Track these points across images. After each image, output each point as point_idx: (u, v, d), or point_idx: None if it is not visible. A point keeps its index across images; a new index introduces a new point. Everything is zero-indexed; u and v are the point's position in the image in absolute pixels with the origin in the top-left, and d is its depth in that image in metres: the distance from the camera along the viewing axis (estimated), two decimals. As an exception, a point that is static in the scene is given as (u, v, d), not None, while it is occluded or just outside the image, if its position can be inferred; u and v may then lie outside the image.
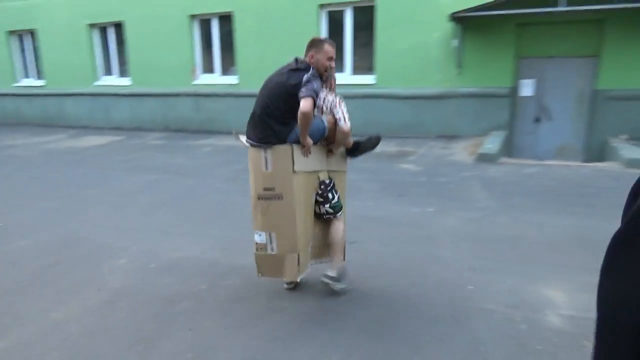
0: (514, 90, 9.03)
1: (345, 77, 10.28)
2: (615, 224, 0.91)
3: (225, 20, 11.12)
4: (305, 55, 3.09)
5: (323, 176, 3.24)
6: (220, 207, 5.62)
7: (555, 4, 7.66)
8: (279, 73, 3.09)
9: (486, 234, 4.54)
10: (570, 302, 3.25)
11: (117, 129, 12.53)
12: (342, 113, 3.11)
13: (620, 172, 6.59)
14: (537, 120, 9.05)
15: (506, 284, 3.52)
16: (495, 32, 8.73)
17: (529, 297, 3.33)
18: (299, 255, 3.07)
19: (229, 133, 9.99)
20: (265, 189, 3.00)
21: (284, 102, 2.95)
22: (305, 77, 2.88)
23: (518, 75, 8.96)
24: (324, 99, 3.11)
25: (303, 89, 2.84)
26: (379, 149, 3.75)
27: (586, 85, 8.61)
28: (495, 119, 9.09)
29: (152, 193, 6.28)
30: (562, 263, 3.88)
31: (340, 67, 10.40)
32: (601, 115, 8.50)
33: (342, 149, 3.42)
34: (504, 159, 7.74)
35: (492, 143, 8.02)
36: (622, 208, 0.95)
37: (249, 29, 10.72)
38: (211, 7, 11.03)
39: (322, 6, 10.05)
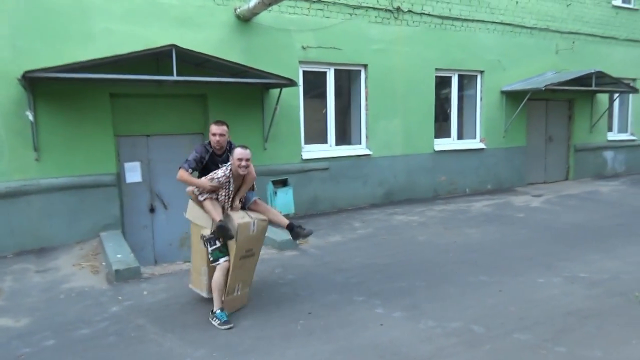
0: (120, 176, 7.10)
1: None
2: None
3: None
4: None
5: (204, 232, 4.20)
6: None
7: (157, 74, 6.46)
8: None
9: None
10: None
11: None
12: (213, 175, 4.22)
13: (281, 259, 5.90)
14: (152, 210, 7.43)
15: None
16: (87, 103, 6.59)
17: None
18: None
19: None
20: None
21: None
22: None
23: (121, 158, 7.11)
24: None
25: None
26: None
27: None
28: (102, 216, 6.81)
29: None
30: None
31: None
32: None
33: (263, 226, 4.33)
34: (147, 270, 5.66)
35: (119, 252, 5.77)
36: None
37: None
38: None
39: None
